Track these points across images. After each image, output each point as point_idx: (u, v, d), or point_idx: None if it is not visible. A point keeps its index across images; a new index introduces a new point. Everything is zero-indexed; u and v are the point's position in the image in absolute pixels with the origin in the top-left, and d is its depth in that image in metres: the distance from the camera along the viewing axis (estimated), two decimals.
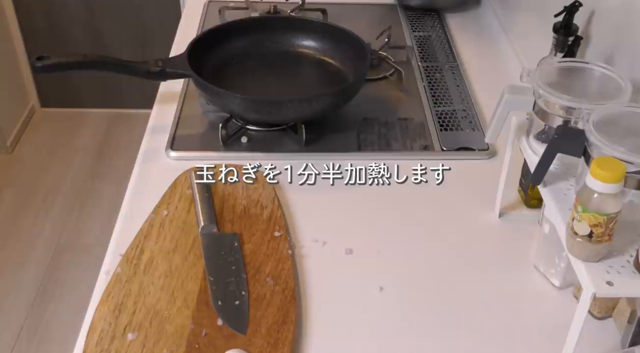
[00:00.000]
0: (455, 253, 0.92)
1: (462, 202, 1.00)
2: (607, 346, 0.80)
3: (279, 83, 1.23)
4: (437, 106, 1.22)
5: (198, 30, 1.45)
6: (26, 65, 2.65)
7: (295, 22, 1.33)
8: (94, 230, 2.23)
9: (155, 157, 1.08)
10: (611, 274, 0.67)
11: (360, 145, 1.11)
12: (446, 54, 1.40)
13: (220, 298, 0.82)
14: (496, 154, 1.10)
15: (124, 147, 2.56)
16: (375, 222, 0.97)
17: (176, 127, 1.14)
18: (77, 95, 2.77)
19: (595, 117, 0.71)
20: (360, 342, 0.80)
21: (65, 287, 2.05)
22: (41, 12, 2.57)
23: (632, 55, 0.91)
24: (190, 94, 1.23)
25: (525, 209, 0.99)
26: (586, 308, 0.66)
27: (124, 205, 0.99)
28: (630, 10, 0.93)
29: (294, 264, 0.88)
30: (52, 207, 2.33)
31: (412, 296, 0.86)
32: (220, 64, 1.22)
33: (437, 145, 1.12)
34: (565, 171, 0.79)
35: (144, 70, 1.11)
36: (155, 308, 0.81)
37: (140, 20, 2.60)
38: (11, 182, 2.44)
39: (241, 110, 1.10)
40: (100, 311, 0.80)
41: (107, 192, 2.38)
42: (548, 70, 0.82)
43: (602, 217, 0.65)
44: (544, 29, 1.08)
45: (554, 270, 0.86)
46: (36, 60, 1.04)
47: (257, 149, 1.10)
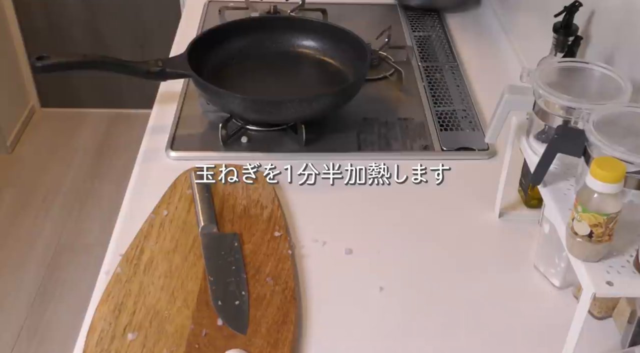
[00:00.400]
0: (455, 253, 0.92)
1: (462, 202, 1.00)
2: (607, 346, 0.80)
3: (279, 83, 1.23)
4: (437, 106, 1.22)
5: (198, 30, 1.45)
6: (26, 65, 2.65)
7: (295, 22, 1.33)
8: (94, 230, 2.23)
9: (155, 157, 1.08)
10: (611, 274, 0.67)
11: (360, 145, 1.11)
12: (446, 54, 1.40)
13: (220, 298, 0.82)
14: (496, 154, 1.10)
15: (124, 147, 2.56)
16: (375, 222, 0.97)
17: (176, 127, 1.14)
18: (77, 95, 2.77)
19: (595, 117, 0.71)
20: (360, 342, 0.80)
21: (65, 287, 2.04)
22: (41, 12, 2.57)
23: (632, 55, 0.91)
24: (190, 94, 1.23)
25: (525, 209, 0.99)
26: (586, 308, 0.66)
27: (124, 205, 0.99)
28: (630, 10, 0.93)
29: (294, 264, 0.88)
30: (52, 207, 2.33)
31: (412, 296, 0.86)
32: (220, 64, 1.22)
33: (437, 145, 1.12)
34: (565, 171, 0.79)
35: (144, 70, 1.11)
36: (155, 308, 0.81)
37: (140, 20, 2.60)
38: (11, 182, 2.44)
39: (241, 110, 1.10)
40: (100, 311, 0.80)
41: (107, 192, 2.38)
42: (548, 70, 0.82)
43: (602, 217, 0.65)
44: (544, 29, 1.08)
45: (554, 270, 0.86)
46: (36, 60, 1.04)
47: (257, 149, 1.10)
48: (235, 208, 0.96)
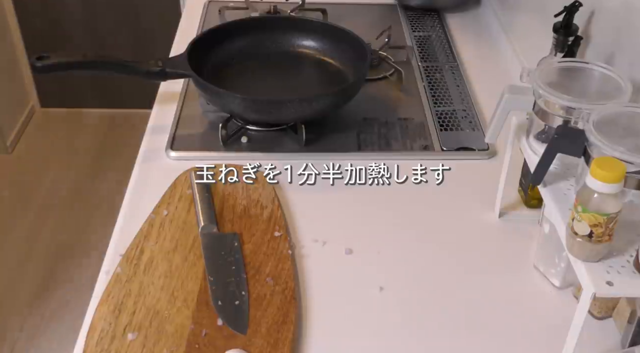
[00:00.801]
0: (455, 253, 0.92)
1: (462, 202, 1.00)
2: (607, 346, 0.80)
3: (279, 83, 1.23)
4: (437, 106, 1.22)
5: (198, 30, 1.45)
6: (26, 65, 2.65)
7: (295, 22, 1.33)
8: (94, 230, 2.23)
9: (155, 157, 1.08)
10: (611, 274, 0.67)
11: (360, 145, 1.11)
12: (446, 54, 1.40)
13: (220, 298, 0.82)
14: (496, 154, 1.10)
15: (124, 147, 2.56)
16: (375, 222, 0.97)
17: (176, 127, 1.14)
18: (77, 95, 2.77)
19: (595, 117, 0.71)
20: (360, 342, 0.80)
21: (65, 287, 2.04)
22: (41, 12, 2.57)
23: (632, 55, 0.91)
24: (190, 94, 1.23)
25: (525, 209, 0.99)
26: (586, 308, 0.66)
27: (124, 205, 0.99)
28: (630, 10, 0.93)
29: (293, 264, 0.88)
30: (52, 207, 2.33)
31: (412, 296, 0.86)
32: (220, 64, 1.22)
33: (437, 145, 1.12)
34: (565, 171, 0.79)
35: (144, 70, 1.11)
36: (156, 308, 0.81)
37: (140, 20, 2.60)
38: (11, 182, 2.44)
39: (241, 110, 1.10)
40: (100, 311, 0.80)
41: (107, 192, 2.38)
42: (548, 70, 0.82)
43: (602, 217, 0.65)
44: (544, 29, 1.08)
45: (554, 270, 0.86)
46: (36, 60, 1.04)
47: (257, 149, 1.10)
48: (235, 208, 0.96)
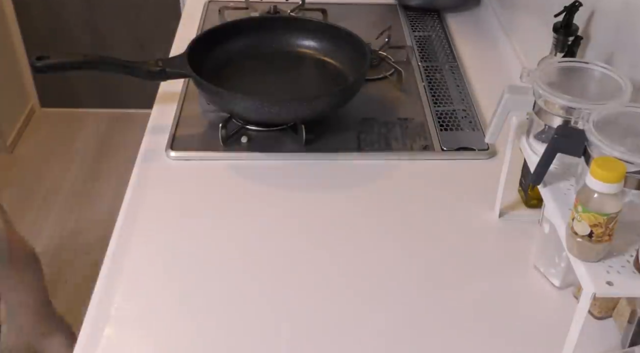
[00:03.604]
0: (455, 253, 0.92)
1: (462, 202, 1.00)
2: (607, 346, 0.80)
3: (279, 83, 1.23)
4: (437, 106, 1.21)
5: (198, 30, 1.45)
6: (26, 65, 2.66)
7: (295, 22, 1.33)
8: (94, 230, 2.23)
9: (155, 157, 1.08)
10: (611, 274, 0.67)
11: (360, 145, 1.11)
12: (446, 54, 1.40)
13: None
14: (496, 154, 1.10)
15: (124, 147, 2.56)
16: (375, 222, 0.97)
17: (176, 127, 1.14)
18: (77, 95, 2.77)
19: (595, 117, 0.71)
20: (360, 342, 0.80)
21: (65, 287, 2.04)
22: (41, 12, 2.57)
23: (632, 55, 0.91)
24: (190, 94, 1.23)
25: (525, 209, 0.99)
26: (586, 308, 0.66)
27: (124, 205, 0.99)
28: (630, 10, 0.93)
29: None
30: (52, 207, 2.33)
31: (411, 296, 0.86)
32: (220, 64, 1.22)
33: (437, 145, 1.12)
34: (565, 171, 0.79)
35: (144, 70, 1.11)
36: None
37: (140, 20, 2.60)
38: (11, 182, 2.44)
39: (241, 110, 1.10)
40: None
41: (107, 192, 2.38)
42: (548, 70, 0.82)
43: (602, 217, 0.65)
44: (544, 29, 1.08)
45: (554, 270, 0.86)
46: (36, 60, 1.04)
47: (257, 148, 1.10)
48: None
